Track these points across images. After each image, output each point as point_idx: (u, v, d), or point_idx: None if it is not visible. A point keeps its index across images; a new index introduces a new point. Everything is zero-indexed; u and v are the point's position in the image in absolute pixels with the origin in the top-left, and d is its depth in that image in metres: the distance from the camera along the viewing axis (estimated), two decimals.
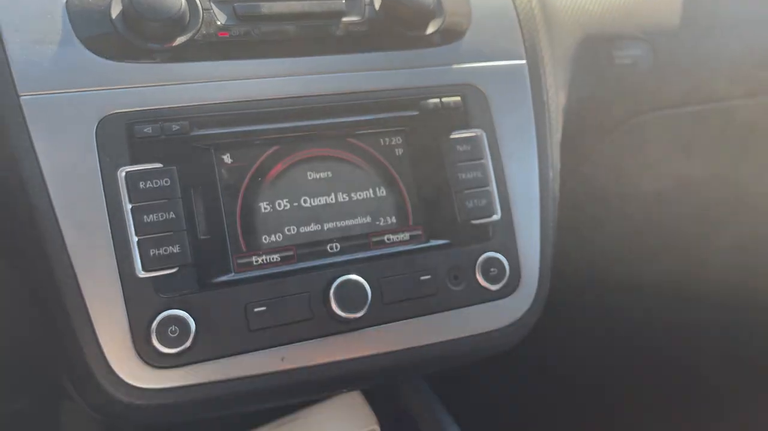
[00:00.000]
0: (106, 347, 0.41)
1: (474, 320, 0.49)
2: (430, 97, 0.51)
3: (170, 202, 0.43)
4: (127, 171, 0.42)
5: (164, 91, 0.45)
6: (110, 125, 0.43)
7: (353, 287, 0.45)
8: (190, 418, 0.45)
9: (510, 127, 0.53)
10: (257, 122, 0.46)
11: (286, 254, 0.45)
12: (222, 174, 0.45)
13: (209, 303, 0.42)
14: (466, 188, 0.50)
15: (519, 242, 0.51)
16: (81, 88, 0.43)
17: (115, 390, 0.41)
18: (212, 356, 0.42)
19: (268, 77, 0.47)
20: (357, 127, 0.49)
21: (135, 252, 0.42)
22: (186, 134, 0.44)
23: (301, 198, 0.47)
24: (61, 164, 0.42)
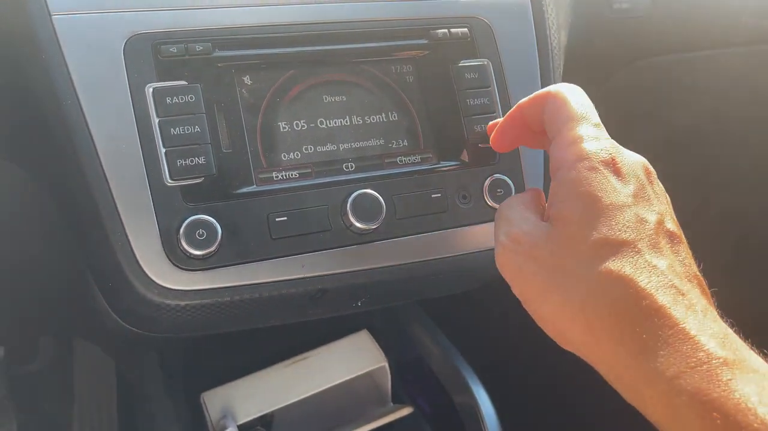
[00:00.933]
0: (137, 250, 0.43)
1: (482, 237, 0.51)
2: (438, 28, 0.53)
3: (195, 117, 0.45)
4: (155, 87, 0.45)
5: (188, 14, 0.47)
6: (137, 44, 0.45)
7: (369, 200, 0.47)
8: (215, 325, 0.48)
9: (514, 58, 0.55)
10: (275, 45, 0.48)
11: (304, 171, 0.48)
12: (243, 94, 0.47)
13: (233, 212, 0.45)
14: (474, 113, 0.53)
15: (524, 166, 0.54)
16: (109, 10, 0.45)
17: (147, 291, 0.43)
18: (237, 260, 0.44)
19: (286, 5, 0.50)
20: (370, 54, 0.51)
21: (163, 162, 0.44)
22: (209, 55, 0.46)
23: (318, 120, 0.49)
24: (92, 79, 0.44)
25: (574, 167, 0.36)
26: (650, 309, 0.31)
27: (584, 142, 0.36)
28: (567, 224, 0.35)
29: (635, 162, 0.37)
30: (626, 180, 0.35)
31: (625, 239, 0.33)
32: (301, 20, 0.50)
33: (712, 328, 0.31)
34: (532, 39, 0.57)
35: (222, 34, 0.47)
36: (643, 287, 0.32)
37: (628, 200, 0.35)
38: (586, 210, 0.34)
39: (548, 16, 0.58)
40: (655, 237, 0.34)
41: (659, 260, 0.33)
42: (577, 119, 0.38)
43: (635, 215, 0.34)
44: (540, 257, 0.35)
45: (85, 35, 0.44)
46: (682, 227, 0.36)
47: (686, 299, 0.32)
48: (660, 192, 0.37)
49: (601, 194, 0.34)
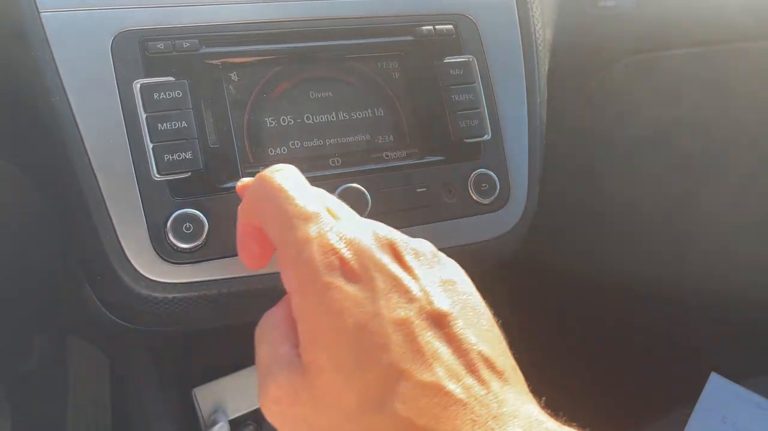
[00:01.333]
0: (125, 244, 0.43)
1: (467, 230, 0.52)
2: (424, 24, 0.54)
3: (182, 112, 0.46)
4: (142, 83, 0.45)
5: (175, 11, 0.48)
6: (125, 40, 0.46)
7: (355, 194, 0.48)
8: (203, 319, 0.48)
9: (499, 54, 0.56)
10: (262, 42, 0.49)
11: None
12: (230, 90, 0.48)
13: (220, 206, 0.45)
14: (459, 109, 0.53)
15: (508, 161, 0.54)
16: (97, 7, 0.46)
17: (135, 284, 0.44)
18: (224, 254, 0.45)
19: (272, 2, 0.50)
20: (356, 50, 0.52)
21: (151, 157, 0.44)
22: (196, 51, 0.47)
23: (304, 115, 0.50)
24: (80, 75, 0.44)
25: (302, 291, 0.29)
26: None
27: (303, 251, 0.29)
28: (321, 370, 0.28)
29: (370, 245, 0.30)
30: (366, 279, 0.28)
31: (384, 367, 0.26)
32: (288, 17, 0.50)
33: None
34: (517, 36, 0.57)
35: (209, 30, 0.48)
36: (420, 424, 0.26)
37: (375, 305, 0.28)
38: (334, 346, 0.27)
39: (533, 14, 0.59)
40: (419, 338, 0.27)
41: (429, 372, 0.26)
42: (288, 220, 0.31)
43: (389, 322, 0.27)
44: (305, 415, 0.28)
45: (73, 32, 0.45)
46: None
47: (471, 410, 0.26)
48: (414, 262, 0.30)
49: (342, 317, 0.27)
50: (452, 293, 0.30)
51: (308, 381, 0.28)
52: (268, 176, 0.33)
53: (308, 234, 0.30)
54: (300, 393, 0.28)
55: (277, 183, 0.32)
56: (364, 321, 0.27)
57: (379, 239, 0.30)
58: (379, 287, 0.28)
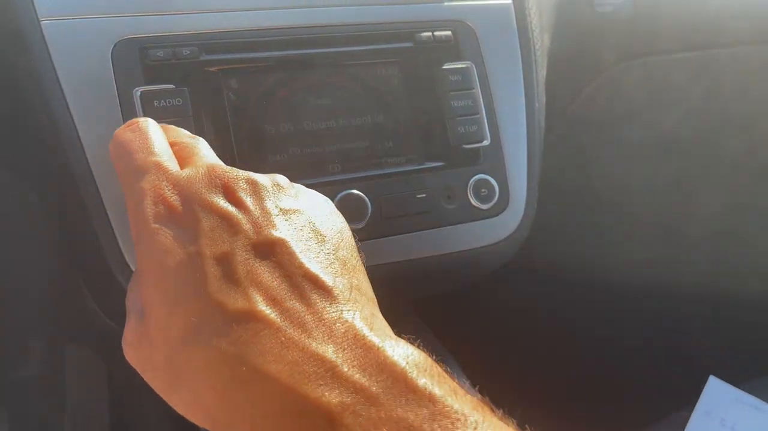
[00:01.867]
0: (125, 250, 0.44)
1: (466, 236, 0.52)
2: (423, 31, 0.54)
3: (182, 119, 0.46)
4: (142, 90, 0.45)
5: (175, 19, 0.48)
6: (125, 48, 0.46)
7: (355, 200, 0.48)
8: None
9: (497, 60, 0.56)
10: (262, 49, 0.49)
11: (290, 173, 0.48)
12: (230, 97, 0.48)
13: None
14: (458, 115, 0.54)
15: (507, 167, 0.55)
16: (97, 15, 0.46)
17: None
18: None
19: (272, 9, 0.50)
20: (355, 57, 0.52)
21: None
22: (196, 59, 0.47)
23: (304, 122, 0.50)
24: (81, 83, 0.44)
25: (137, 241, 0.30)
26: (245, 375, 0.26)
27: (139, 203, 0.30)
28: (151, 311, 0.29)
29: (199, 188, 0.30)
30: (192, 221, 0.29)
31: (201, 301, 0.27)
32: (287, 24, 0.51)
33: (320, 355, 0.26)
34: (515, 42, 0.58)
35: (209, 38, 0.48)
36: (230, 351, 0.26)
37: (196, 245, 0.28)
38: (158, 288, 0.28)
39: (531, 19, 0.59)
40: (237, 271, 0.28)
41: (244, 300, 0.27)
42: (132, 172, 0.32)
43: (209, 258, 0.28)
44: (147, 356, 0.29)
45: (73, 40, 0.45)
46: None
47: (282, 334, 0.26)
48: (247, 196, 0.30)
49: (165, 258, 0.28)
50: (290, 220, 0.31)
51: (144, 323, 0.29)
52: (118, 132, 0.34)
53: (143, 187, 0.31)
54: (142, 335, 0.29)
55: (124, 138, 0.34)
56: (185, 260, 0.28)
57: (212, 179, 0.31)
58: (203, 226, 0.29)
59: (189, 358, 0.27)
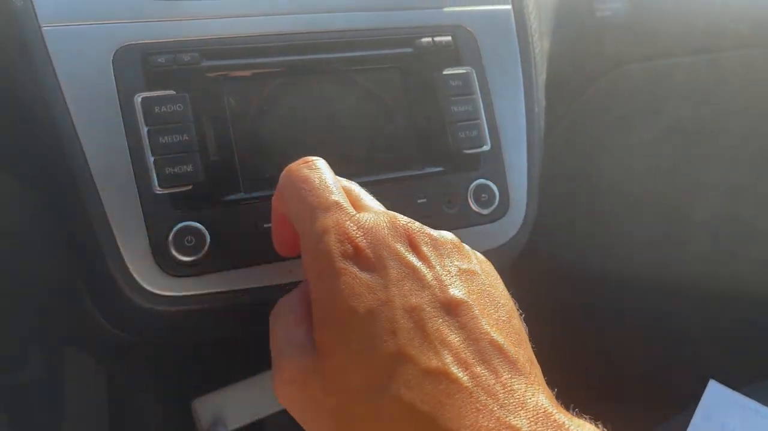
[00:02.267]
0: (127, 257, 0.43)
1: (467, 241, 0.52)
2: (423, 36, 0.54)
3: (183, 125, 0.46)
4: (143, 97, 0.45)
5: (176, 25, 0.48)
6: (126, 54, 0.46)
7: None
8: (205, 331, 0.48)
9: (497, 65, 0.56)
10: (262, 55, 0.49)
11: None
12: (230, 102, 0.48)
13: (222, 219, 0.45)
14: (458, 120, 0.54)
15: (507, 171, 0.55)
16: (98, 21, 0.46)
17: (137, 297, 0.44)
18: (225, 266, 0.45)
19: (272, 15, 0.51)
20: (356, 62, 0.52)
21: (152, 170, 0.45)
22: (197, 65, 0.47)
23: (304, 128, 0.50)
24: (82, 89, 0.44)
25: (320, 277, 0.30)
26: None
27: (321, 240, 0.30)
28: (331, 352, 0.29)
29: (386, 234, 0.31)
30: (380, 267, 0.29)
31: (392, 351, 0.27)
32: (288, 30, 0.51)
33: (513, 425, 0.26)
34: (515, 47, 0.58)
35: (210, 44, 0.48)
36: (425, 409, 0.26)
37: (387, 292, 0.28)
38: (346, 330, 0.28)
39: (531, 24, 0.60)
40: (429, 325, 0.28)
41: (436, 359, 0.27)
42: (310, 210, 0.32)
43: (400, 309, 0.28)
44: (315, 396, 0.29)
45: (74, 46, 0.45)
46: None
47: (477, 399, 0.26)
48: (430, 251, 0.31)
49: (353, 301, 0.28)
50: (469, 282, 0.31)
51: (319, 363, 0.29)
52: (294, 168, 0.35)
53: (326, 224, 0.31)
54: (311, 375, 0.29)
55: (302, 175, 0.34)
56: (375, 307, 0.28)
57: (396, 228, 0.31)
58: (392, 274, 0.29)
59: (372, 409, 0.27)
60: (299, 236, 0.34)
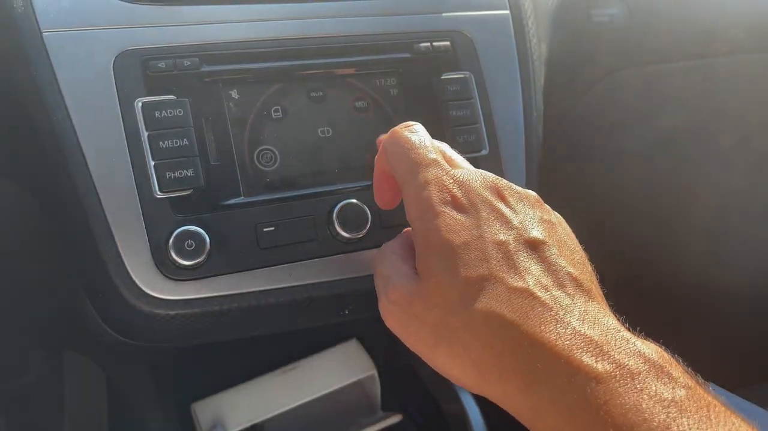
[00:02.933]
0: (128, 261, 0.44)
1: None
2: (421, 41, 0.55)
3: (183, 130, 0.46)
4: (144, 102, 0.46)
5: (176, 30, 0.48)
6: (126, 59, 0.46)
7: (354, 209, 0.48)
8: (205, 335, 0.48)
9: (496, 70, 0.57)
10: (262, 60, 0.50)
11: (290, 182, 0.49)
12: (230, 107, 0.48)
13: (222, 222, 0.46)
14: (456, 125, 0.54)
15: (506, 176, 0.55)
16: (98, 27, 0.46)
17: (137, 301, 0.44)
18: (226, 270, 0.45)
19: (271, 20, 0.51)
20: (354, 67, 0.52)
21: (152, 175, 0.45)
22: (196, 70, 0.48)
23: (304, 131, 0.50)
24: (82, 94, 0.45)
25: (423, 218, 0.36)
26: (522, 339, 0.31)
27: (424, 189, 0.36)
28: (432, 275, 0.35)
29: (478, 187, 0.36)
30: (473, 211, 0.35)
31: (483, 274, 0.33)
32: (287, 35, 0.51)
33: (588, 336, 0.30)
34: (513, 51, 0.58)
35: (209, 49, 0.48)
36: (511, 317, 0.31)
37: (479, 230, 0.34)
38: (444, 257, 0.34)
39: (528, 29, 0.60)
40: (514, 256, 0.33)
41: (521, 280, 0.33)
42: (413, 165, 0.38)
43: (490, 243, 0.34)
44: (419, 313, 0.35)
45: (75, 52, 0.45)
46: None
47: (556, 313, 0.31)
48: (516, 202, 0.37)
49: (451, 236, 0.34)
50: (549, 229, 0.36)
51: (421, 286, 0.35)
52: (398, 131, 0.40)
53: (427, 177, 0.37)
54: (414, 296, 0.35)
55: (405, 137, 0.40)
56: (469, 240, 0.34)
57: (486, 181, 0.37)
58: (483, 216, 0.35)
59: (468, 318, 0.32)
60: (399, 189, 0.40)
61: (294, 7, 0.52)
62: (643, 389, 0.28)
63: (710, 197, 0.82)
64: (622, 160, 0.80)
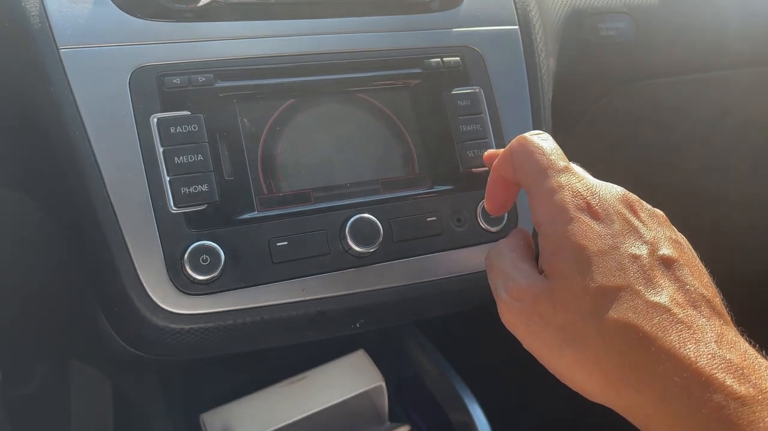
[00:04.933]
0: (143, 275, 0.44)
1: (476, 259, 0.53)
2: (432, 57, 0.55)
3: (198, 146, 0.47)
4: (159, 117, 0.46)
5: (191, 47, 0.49)
6: (142, 76, 0.47)
7: (367, 224, 0.49)
8: (218, 348, 0.49)
9: (505, 85, 0.57)
10: (275, 76, 0.50)
11: (303, 197, 0.49)
12: (244, 123, 0.49)
13: (236, 237, 0.46)
14: (466, 139, 0.54)
15: None
16: (114, 43, 0.47)
17: (152, 315, 0.44)
18: (240, 285, 0.46)
19: (284, 36, 0.52)
20: (366, 83, 0.53)
21: (168, 190, 0.45)
22: (211, 86, 0.48)
23: (317, 147, 0.51)
24: (99, 110, 0.45)
25: (554, 221, 0.36)
26: (660, 353, 0.31)
27: (556, 193, 0.36)
28: (563, 277, 0.34)
29: (612, 198, 0.37)
30: (607, 221, 0.35)
31: (620, 284, 0.33)
32: (300, 51, 0.52)
33: (728, 359, 0.30)
34: (522, 66, 0.59)
35: (223, 65, 0.49)
36: (649, 331, 0.31)
37: (614, 240, 0.34)
38: (577, 262, 0.34)
39: (537, 44, 0.60)
40: (649, 271, 0.34)
41: (658, 296, 0.33)
42: (543, 170, 0.38)
43: (625, 255, 0.34)
44: (544, 312, 0.35)
45: (91, 68, 0.46)
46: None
47: (694, 332, 0.31)
48: (647, 218, 0.37)
49: (586, 242, 0.34)
50: (678, 248, 0.36)
51: (549, 285, 0.35)
52: (528, 137, 0.40)
53: (560, 182, 0.37)
54: (540, 295, 0.35)
55: (536, 142, 0.40)
56: (605, 249, 0.34)
57: (618, 194, 0.37)
58: (617, 228, 0.35)
59: (601, 325, 0.32)
60: (513, 197, 0.43)
61: (306, 24, 0.52)
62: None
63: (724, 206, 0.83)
64: (631, 172, 0.80)
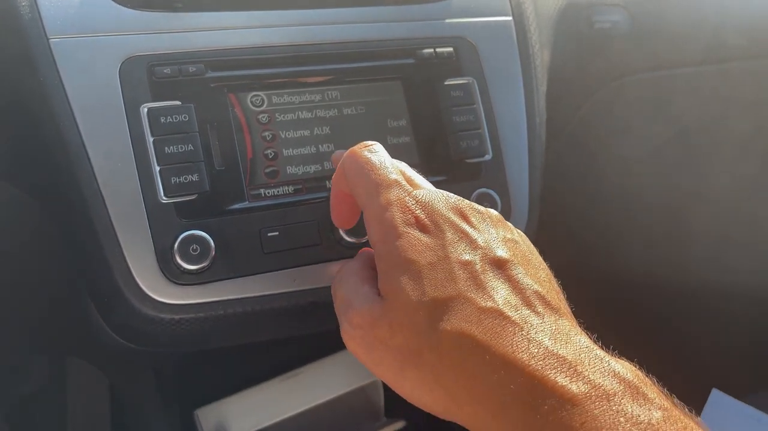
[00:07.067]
0: (133, 265, 0.44)
1: None
2: (425, 47, 0.55)
3: (188, 135, 0.46)
4: (149, 107, 0.46)
5: (181, 37, 0.49)
6: (132, 66, 0.47)
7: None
8: (209, 340, 0.48)
9: (499, 76, 0.57)
10: (266, 66, 0.50)
11: (295, 187, 0.49)
12: (235, 113, 0.49)
13: (226, 227, 0.46)
14: (459, 130, 0.54)
15: (509, 181, 0.55)
16: (104, 33, 0.47)
17: (142, 305, 0.44)
18: (230, 275, 0.46)
19: (275, 26, 0.51)
20: (359, 73, 0.53)
21: (158, 180, 0.45)
22: (202, 76, 0.48)
23: (308, 137, 0.50)
24: (89, 100, 0.45)
25: (386, 239, 0.35)
26: (495, 360, 0.30)
27: (386, 211, 0.36)
28: (396, 296, 0.34)
29: (441, 207, 0.36)
30: (436, 232, 0.35)
31: (451, 294, 0.32)
32: (292, 41, 0.51)
33: (562, 356, 0.29)
34: (516, 57, 0.58)
35: (214, 55, 0.49)
36: (482, 338, 0.30)
37: (444, 251, 0.34)
38: (409, 278, 0.33)
39: (531, 35, 0.60)
40: (481, 276, 0.33)
41: (490, 300, 0.32)
42: (374, 186, 0.37)
43: (456, 263, 0.33)
44: (383, 336, 0.34)
45: (81, 58, 0.46)
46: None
47: (527, 332, 0.31)
48: (479, 222, 0.36)
49: (416, 256, 0.34)
50: (513, 247, 0.36)
51: (385, 307, 0.34)
52: (357, 151, 0.40)
53: (389, 198, 0.36)
54: (378, 319, 0.34)
55: (365, 157, 0.39)
56: (435, 261, 0.33)
57: (449, 202, 0.37)
58: (447, 237, 0.34)
59: (436, 340, 0.31)
60: (358, 209, 0.40)
61: (298, 14, 0.52)
62: (619, 411, 0.27)
63: (717, 200, 0.82)
64: (626, 165, 0.80)
